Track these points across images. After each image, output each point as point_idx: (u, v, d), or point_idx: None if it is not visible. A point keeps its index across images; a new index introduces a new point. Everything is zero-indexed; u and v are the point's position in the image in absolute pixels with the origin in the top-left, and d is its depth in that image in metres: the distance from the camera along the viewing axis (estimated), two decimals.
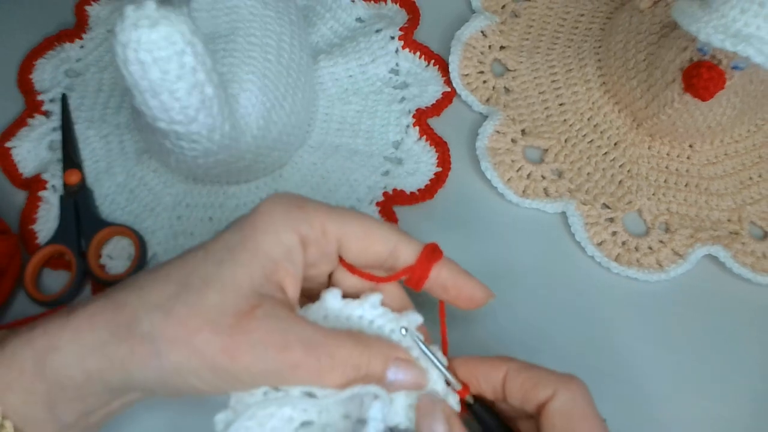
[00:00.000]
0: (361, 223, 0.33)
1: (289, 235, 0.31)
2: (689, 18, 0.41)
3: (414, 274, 0.34)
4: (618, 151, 0.50)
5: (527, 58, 0.53)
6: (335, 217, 0.33)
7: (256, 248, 0.31)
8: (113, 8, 0.55)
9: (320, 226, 0.32)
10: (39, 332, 0.30)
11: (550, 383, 0.32)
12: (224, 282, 0.30)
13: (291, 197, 0.33)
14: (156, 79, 0.35)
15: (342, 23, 0.54)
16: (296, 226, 0.32)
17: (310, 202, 0.33)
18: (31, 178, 0.49)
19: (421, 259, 0.34)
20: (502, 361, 0.34)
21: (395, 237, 0.34)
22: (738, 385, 0.43)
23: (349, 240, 0.33)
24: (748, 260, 0.46)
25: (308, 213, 0.32)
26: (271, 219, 0.32)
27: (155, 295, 0.30)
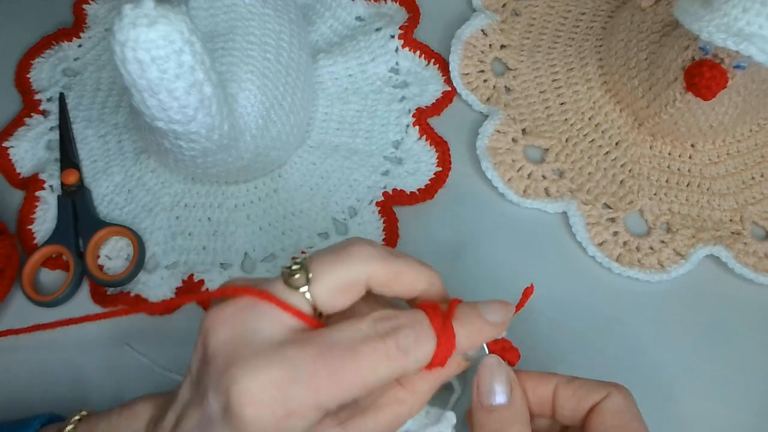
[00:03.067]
0: (355, 385, 0.28)
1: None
2: (691, 17, 0.41)
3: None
4: (619, 151, 0.50)
5: (528, 57, 0.53)
6: (328, 398, 0.28)
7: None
8: (111, 7, 0.55)
9: (315, 410, 0.28)
10: None
11: (604, 387, 0.33)
12: None
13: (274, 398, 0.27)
14: (154, 78, 0.35)
15: (342, 22, 0.54)
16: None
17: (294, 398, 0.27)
18: (29, 177, 0.49)
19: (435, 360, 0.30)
20: (550, 375, 0.34)
21: (396, 372, 0.29)
22: (740, 385, 0.43)
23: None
24: (750, 260, 0.46)
25: (300, 413, 0.28)
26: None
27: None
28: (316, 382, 0.27)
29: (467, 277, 0.46)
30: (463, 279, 0.46)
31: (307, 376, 0.27)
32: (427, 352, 0.29)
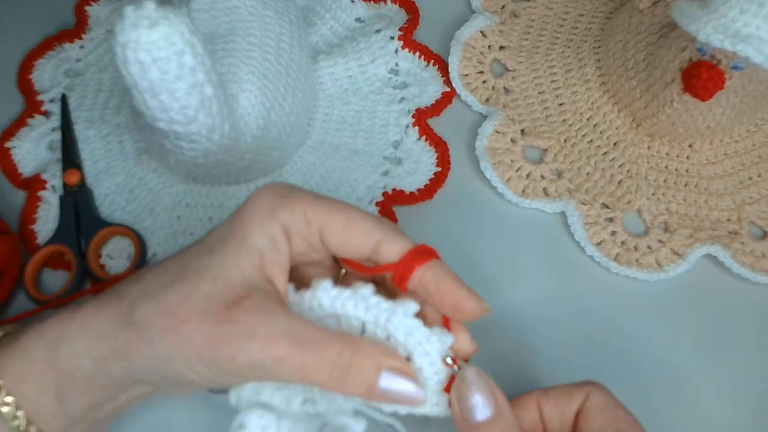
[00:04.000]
0: (345, 214, 0.32)
1: (272, 224, 0.31)
2: (688, 18, 0.41)
3: (397, 272, 0.32)
4: (617, 151, 0.50)
5: (527, 58, 0.53)
6: (318, 206, 0.32)
7: (243, 238, 0.31)
8: (113, 8, 0.55)
9: (302, 214, 0.32)
10: (50, 323, 0.32)
11: (581, 388, 0.33)
12: (215, 272, 0.31)
13: (279, 186, 0.33)
14: (155, 80, 0.35)
15: (341, 23, 0.54)
16: (279, 214, 0.32)
17: (296, 191, 0.33)
18: (31, 178, 0.49)
19: (407, 257, 0.32)
20: (528, 395, 0.34)
21: (379, 232, 0.32)
22: (737, 384, 0.43)
23: (330, 230, 0.32)
24: (748, 260, 0.46)
25: (291, 201, 0.32)
26: (256, 209, 0.32)
27: (151, 285, 0.31)
28: (319, 196, 0.33)
29: (466, 277, 0.46)
30: (462, 279, 0.46)
31: (313, 194, 0.33)
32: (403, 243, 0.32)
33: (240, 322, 0.29)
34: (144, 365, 0.30)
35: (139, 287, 0.31)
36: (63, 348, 0.31)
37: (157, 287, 0.31)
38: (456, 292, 0.32)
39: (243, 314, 0.30)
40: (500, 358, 0.43)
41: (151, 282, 0.31)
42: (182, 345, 0.30)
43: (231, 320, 0.29)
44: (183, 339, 0.30)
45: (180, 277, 0.31)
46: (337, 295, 0.32)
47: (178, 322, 0.30)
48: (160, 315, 0.30)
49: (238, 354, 0.29)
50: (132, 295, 0.31)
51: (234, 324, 0.29)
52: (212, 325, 0.29)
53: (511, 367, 0.43)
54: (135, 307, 0.30)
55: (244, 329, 0.29)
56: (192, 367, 0.30)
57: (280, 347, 0.29)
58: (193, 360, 0.30)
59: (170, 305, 0.30)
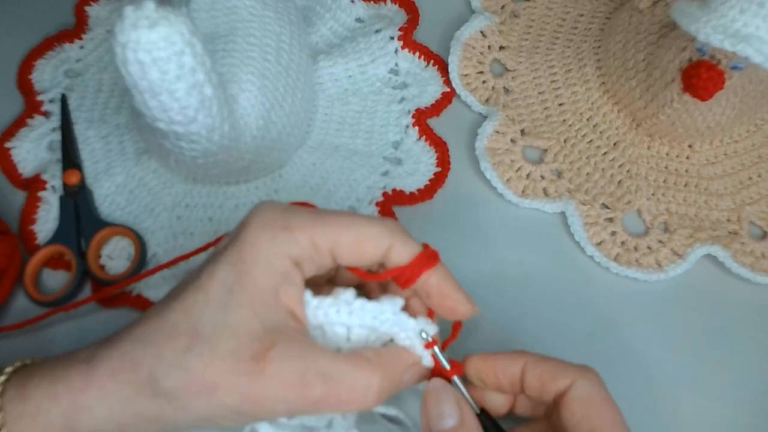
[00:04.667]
0: (352, 229, 0.32)
1: (282, 261, 0.31)
2: (688, 18, 0.41)
3: (403, 276, 0.33)
4: (617, 151, 0.50)
5: (526, 59, 0.53)
6: (323, 227, 0.32)
7: (254, 286, 0.30)
8: (113, 9, 0.55)
9: (309, 242, 0.31)
10: (62, 388, 0.30)
11: (569, 373, 0.33)
12: (234, 328, 0.30)
13: (275, 216, 0.32)
14: (155, 80, 0.35)
15: (341, 23, 0.54)
16: (286, 250, 0.31)
17: (295, 217, 0.32)
18: (31, 178, 0.49)
19: (415, 263, 0.33)
20: (520, 355, 0.34)
21: (389, 239, 0.33)
22: (737, 384, 0.43)
23: (342, 249, 0.32)
24: (747, 260, 0.46)
25: (295, 233, 0.31)
26: (259, 249, 0.31)
27: (168, 351, 0.30)
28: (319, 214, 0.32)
29: (466, 277, 0.46)
30: (462, 279, 0.46)
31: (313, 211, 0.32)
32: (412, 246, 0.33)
33: (272, 376, 0.29)
34: (179, 425, 0.31)
35: (152, 352, 0.30)
36: (83, 417, 0.30)
37: (174, 351, 0.30)
38: (455, 297, 0.34)
39: (273, 366, 0.30)
40: None
41: (165, 345, 0.30)
42: (218, 407, 0.30)
43: (263, 375, 0.29)
44: (218, 403, 0.30)
45: (196, 337, 0.30)
46: (318, 305, 0.33)
47: (209, 388, 0.29)
48: (189, 384, 0.29)
49: (277, 406, 0.30)
50: (148, 362, 0.30)
51: (267, 378, 0.29)
52: (245, 384, 0.29)
53: None
54: (158, 377, 0.30)
55: (278, 382, 0.30)
56: (230, 419, 0.30)
57: (315, 391, 0.30)
58: (230, 414, 0.30)
59: (198, 372, 0.29)
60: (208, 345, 0.30)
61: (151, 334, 0.31)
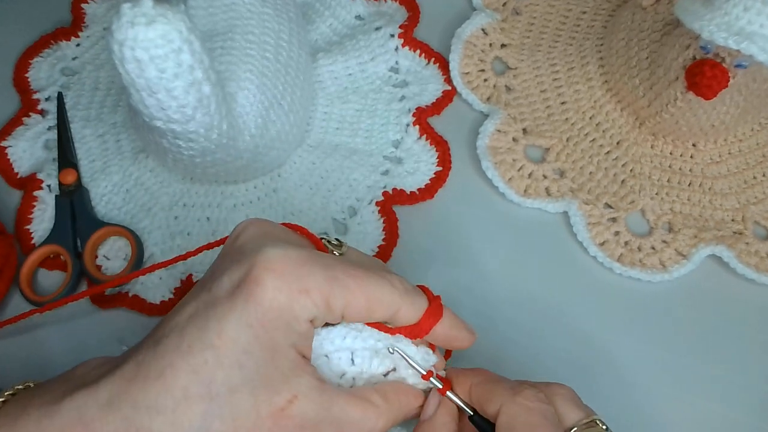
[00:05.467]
0: (365, 293, 0.32)
1: (301, 324, 0.31)
2: (692, 15, 0.41)
3: (413, 332, 0.34)
4: (620, 150, 0.49)
5: (528, 56, 0.53)
6: (339, 291, 0.31)
7: (273, 347, 0.30)
8: (110, 6, 0.55)
9: (324, 304, 0.31)
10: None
11: (498, 398, 0.33)
12: (252, 386, 0.29)
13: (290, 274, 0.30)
14: (153, 78, 0.34)
15: (341, 21, 0.54)
16: (305, 314, 0.31)
17: (312, 279, 0.31)
18: (27, 177, 0.49)
19: (423, 321, 0.34)
20: (472, 373, 0.35)
21: (397, 304, 0.33)
22: (742, 385, 0.43)
23: (352, 311, 0.32)
24: (752, 260, 0.45)
25: (313, 296, 0.31)
26: (279, 314, 0.30)
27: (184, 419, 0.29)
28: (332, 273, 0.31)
29: (467, 277, 0.46)
30: (463, 279, 0.46)
31: (325, 266, 0.31)
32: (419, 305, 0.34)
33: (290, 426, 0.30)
34: None
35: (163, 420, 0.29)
36: None
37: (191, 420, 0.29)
38: (460, 338, 0.35)
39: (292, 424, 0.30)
40: (502, 360, 0.43)
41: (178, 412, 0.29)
42: None
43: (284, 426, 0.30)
44: None
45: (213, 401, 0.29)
46: (326, 335, 0.33)
47: None
48: None
49: None
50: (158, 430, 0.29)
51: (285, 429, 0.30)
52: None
53: (513, 368, 0.43)
54: None
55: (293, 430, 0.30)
56: None
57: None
58: None
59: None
60: (228, 408, 0.29)
61: (156, 399, 0.29)
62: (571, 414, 0.33)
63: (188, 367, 0.29)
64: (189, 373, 0.29)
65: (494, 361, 0.43)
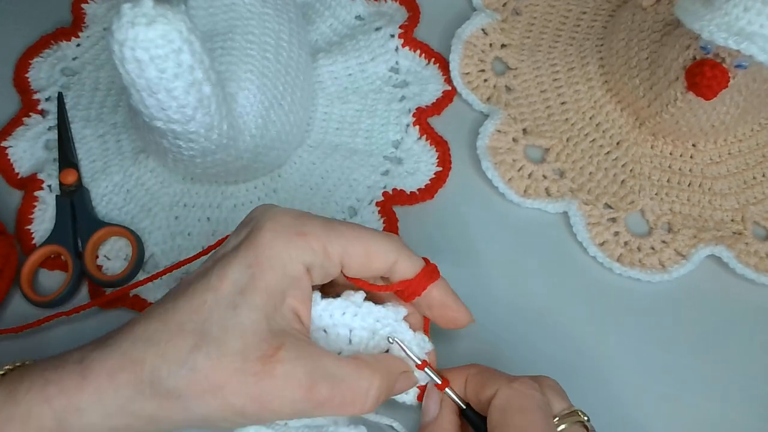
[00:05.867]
0: (362, 241, 0.34)
1: (295, 266, 0.32)
2: (692, 16, 0.41)
3: (409, 289, 0.35)
4: (620, 151, 0.49)
5: (528, 57, 0.53)
6: (336, 237, 0.33)
7: (267, 288, 0.31)
8: (110, 6, 0.55)
9: (323, 250, 0.32)
10: (54, 390, 0.30)
11: (494, 383, 0.34)
12: (243, 328, 0.30)
13: (290, 222, 0.33)
14: (153, 78, 0.34)
15: (341, 21, 0.54)
16: (300, 256, 0.32)
17: (309, 225, 0.33)
18: (27, 177, 0.49)
19: (420, 277, 0.35)
20: (467, 368, 0.37)
21: (395, 254, 0.34)
22: (741, 385, 0.43)
23: (351, 259, 0.33)
24: (752, 260, 0.45)
25: (310, 239, 0.32)
26: (274, 253, 0.31)
27: (173, 350, 0.30)
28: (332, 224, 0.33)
29: (467, 277, 0.46)
30: (463, 279, 0.45)
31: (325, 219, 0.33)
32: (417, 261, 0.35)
33: (280, 375, 0.30)
34: (177, 426, 0.31)
35: (155, 351, 0.30)
36: (75, 420, 0.30)
37: (179, 351, 0.30)
38: (455, 307, 0.36)
39: (281, 367, 0.30)
40: (502, 359, 0.43)
41: (169, 344, 0.30)
42: (223, 407, 0.30)
43: (271, 375, 0.30)
44: (224, 402, 0.30)
45: (204, 336, 0.30)
46: (326, 306, 0.34)
47: (216, 387, 0.29)
48: (194, 383, 0.29)
49: (284, 406, 0.30)
50: (151, 361, 0.30)
51: (275, 378, 0.30)
52: (253, 384, 0.30)
53: (512, 366, 0.42)
54: (160, 375, 0.30)
55: (286, 382, 0.30)
56: (230, 421, 0.31)
57: (322, 392, 0.31)
58: (233, 416, 0.30)
59: (205, 371, 0.29)
60: (215, 344, 0.30)
61: (153, 333, 0.31)
62: (556, 403, 0.34)
63: (188, 307, 0.31)
64: (188, 312, 0.31)
65: (493, 361, 0.43)
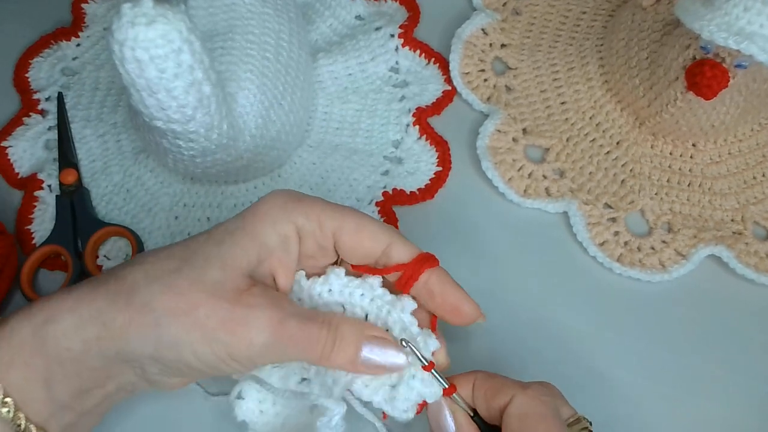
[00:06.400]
0: (356, 219, 0.34)
1: (286, 225, 0.33)
2: (692, 15, 0.41)
3: (405, 273, 0.35)
4: (620, 151, 0.49)
5: (528, 56, 0.53)
6: (331, 211, 0.34)
7: (254, 233, 0.32)
8: (110, 6, 0.55)
9: (316, 218, 0.34)
10: (38, 306, 0.31)
11: (509, 389, 0.34)
12: (224, 260, 0.31)
13: (291, 191, 0.34)
14: (153, 78, 0.34)
15: (341, 21, 0.54)
16: (293, 217, 0.33)
17: (308, 196, 0.34)
18: (27, 177, 0.49)
19: (416, 260, 0.35)
20: (471, 374, 0.36)
21: (388, 237, 0.35)
22: (741, 385, 0.43)
23: (343, 234, 0.34)
24: (752, 260, 0.46)
25: (305, 205, 0.33)
26: (269, 208, 0.33)
27: (157, 268, 0.31)
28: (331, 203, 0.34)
29: (467, 277, 0.46)
30: (463, 279, 0.45)
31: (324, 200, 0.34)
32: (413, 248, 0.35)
33: (253, 306, 0.31)
34: (144, 347, 0.31)
35: (141, 269, 0.31)
36: (50, 329, 0.30)
37: (162, 271, 0.31)
38: (458, 295, 0.35)
39: (255, 299, 0.31)
40: (502, 359, 0.43)
41: (155, 265, 0.32)
42: (194, 328, 0.30)
43: (245, 304, 0.31)
44: (195, 322, 0.30)
45: (187, 262, 0.31)
46: (347, 283, 0.35)
47: (189, 305, 0.30)
48: (169, 297, 0.30)
49: (255, 336, 0.31)
50: (133, 277, 0.31)
51: (248, 308, 0.31)
52: (226, 309, 0.30)
53: (513, 367, 0.43)
54: (138, 288, 0.31)
55: (259, 312, 0.31)
56: (198, 352, 0.31)
57: (290, 327, 0.31)
58: (202, 344, 0.30)
59: (180, 288, 0.30)
60: (196, 271, 0.31)
61: (145, 256, 0.32)
62: (563, 410, 0.34)
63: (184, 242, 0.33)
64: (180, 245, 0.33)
65: (493, 360, 0.43)
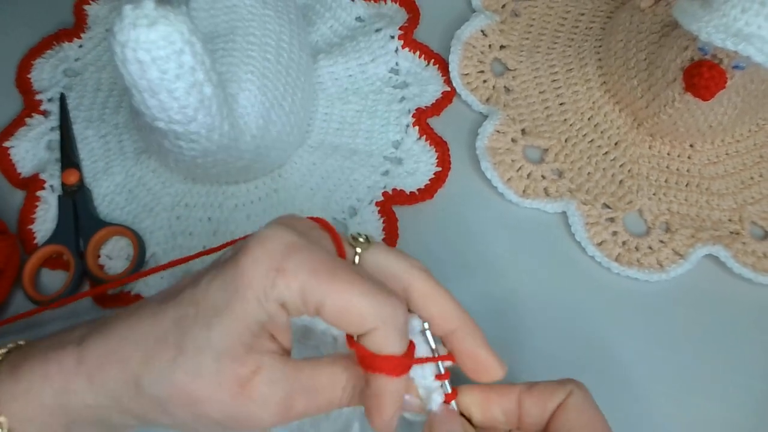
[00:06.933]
0: (343, 295, 0.30)
1: (269, 303, 0.30)
2: (690, 17, 0.41)
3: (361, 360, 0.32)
4: (618, 151, 0.50)
5: (527, 58, 0.53)
6: (316, 282, 0.30)
7: (244, 315, 0.30)
8: (112, 7, 0.55)
9: (299, 293, 0.30)
10: (54, 369, 0.31)
11: (564, 386, 0.34)
12: (217, 351, 0.30)
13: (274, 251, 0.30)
14: (154, 79, 0.35)
15: (342, 22, 0.54)
16: (275, 294, 0.30)
17: (292, 262, 0.30)
18: (30, 177, 0.49)
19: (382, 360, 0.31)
20: (511, 386, 0.35)
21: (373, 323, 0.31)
22: (739, 385, 0.43)
23: (326, 311, 0.31)
24: (749, 260, 0.46)
25: (288, 278, 0.30)
26: (251, 283, 0.30)
27: (155, 359, 0.30)
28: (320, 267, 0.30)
29: (467, 277, 0.46)
30: (462, 279, 0.46)
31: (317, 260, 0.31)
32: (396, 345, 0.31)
33: (258, 398, 0.30)
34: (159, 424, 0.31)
35: (140, 356, 0.30)
36: (72, 400, 0.31)
37: (159, 361, 0.30)
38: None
39: (258, 390, 0.30)
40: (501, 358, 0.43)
41: (153, 352, 0.30)
42: (201, 419, 0.30)
43: (248, 398, 0.30)
44: (203, 414, 0.30)
45: (181, 352, 0.30)
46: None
47: (196, 401, 0.30)
48: (175, 394, 0.30)
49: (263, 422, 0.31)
50: (135, 364, 0.30)
51: (253, 401, 0.30)
52: (231, 404, 0.30)
53: (512, 367, 0.43)
54: (143, 383, 0.30)
55: (264, 404, 0.30)
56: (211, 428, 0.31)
57: (299, 407, 0.31)
58: (215, 426, 0.31)
59: (184, 386, 0.30)
60: (192, 363, 0.30)
61: (141, 335, 0.31)
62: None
63: (174, 315, 0.31)
64: (173, 321, 0.31)
65: None
